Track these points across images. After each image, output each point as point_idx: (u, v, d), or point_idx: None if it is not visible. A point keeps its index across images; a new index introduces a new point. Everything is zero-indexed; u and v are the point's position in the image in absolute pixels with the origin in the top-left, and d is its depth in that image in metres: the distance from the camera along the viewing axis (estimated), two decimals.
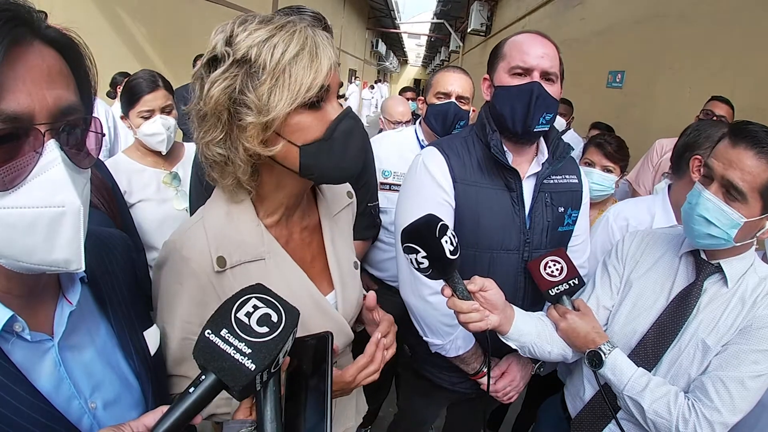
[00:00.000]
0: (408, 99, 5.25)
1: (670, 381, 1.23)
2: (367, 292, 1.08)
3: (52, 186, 0.55)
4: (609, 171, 2.11)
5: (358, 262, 1.17)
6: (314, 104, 0.83)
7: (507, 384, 1.51)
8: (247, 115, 0.81)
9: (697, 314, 1.23)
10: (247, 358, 0.61)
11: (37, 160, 0.55)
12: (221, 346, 0.62)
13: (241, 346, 0.62)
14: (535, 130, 1.36)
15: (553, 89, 1.36)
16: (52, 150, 0.55)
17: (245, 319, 0.64)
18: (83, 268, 0.60)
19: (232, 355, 0.61)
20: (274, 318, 0.66)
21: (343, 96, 0.96)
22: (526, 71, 1.35)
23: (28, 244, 0.56)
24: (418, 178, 1.44)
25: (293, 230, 1.02)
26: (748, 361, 1.12)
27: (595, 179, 2.08)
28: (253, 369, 0.61)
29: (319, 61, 0.81)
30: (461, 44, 19.36)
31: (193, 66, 5.27)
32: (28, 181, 0.54)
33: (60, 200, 0.56)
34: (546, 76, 1.35)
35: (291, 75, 0.79)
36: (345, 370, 0.96)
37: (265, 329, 0.64)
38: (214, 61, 0.83)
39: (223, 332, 0.62)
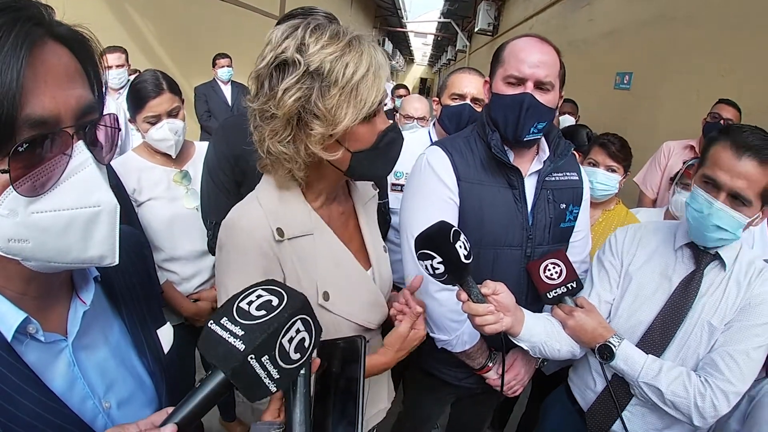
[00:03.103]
0: (400, 96, 5.43)
1: (680, 362, 1.31)
2: None
3: (86, 186, 0.55)
4: (613, 170, 2.09)
5: (386, 247, 1.25)
6: (369, 117, 0.93)
7: (512, 378, 1.54)
8: (316, 125, 0.88)
9: (699, 299, 1.31)
10: (238, 339, 0.59)
11: (68, 162, 0.54)
12: (218, 332, 0.60)
13: (236, 329, 0.60)
14: (525, 138, 1.38)
15: (547, 98, 1.37)
16: (82, 151, 0.55)
17: (246, 307, 0.62)
18: (117, 262, 0.61)
19: (226, 339, 0.59)
20: (275, 303, 0.63)
21: None
22: (520, 81, 1.36)
23: (62, 245, 0.55)
24: (423, 177, 1.45)
25: (332, 213, 1.12)
26: (751, 334, 1.24)
27: (600, 179, 2.06)
28: (242, 349, 0.58)
29: (379, 80, 0.91)
30: (468, 44, 19.29)
31: (213, 66, 5.30)
32: (60, 183, 0.54)
33: (96, 200, 0.56)
34: (540, 85, 1.36)
35: (358, 93, 0.88)
36: (396, 329, 1.08)
37: (262, 312, 0.62)
38: (283, 65, 0.87)
39: (223, 320, 0.61)
